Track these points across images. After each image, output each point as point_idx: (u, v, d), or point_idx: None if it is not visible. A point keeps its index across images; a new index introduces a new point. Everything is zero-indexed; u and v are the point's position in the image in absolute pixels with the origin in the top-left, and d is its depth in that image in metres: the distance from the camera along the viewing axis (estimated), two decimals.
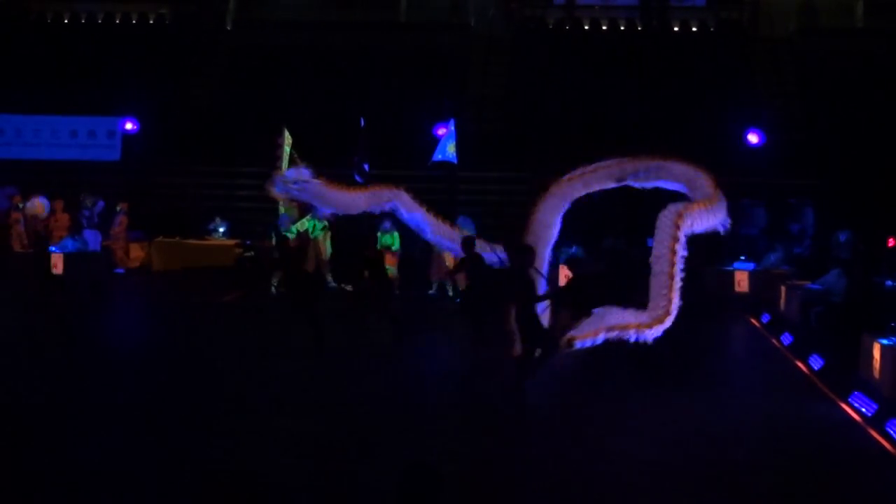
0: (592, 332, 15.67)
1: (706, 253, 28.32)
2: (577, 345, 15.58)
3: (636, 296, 16.49)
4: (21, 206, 30.57)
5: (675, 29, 41.76)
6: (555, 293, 18.07)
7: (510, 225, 31.41)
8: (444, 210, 26.63)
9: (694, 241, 28.63)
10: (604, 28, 42.40)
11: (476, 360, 16.36)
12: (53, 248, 29.10)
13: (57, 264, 28.82)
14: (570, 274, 25.17)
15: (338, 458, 11.86)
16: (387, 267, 26.48)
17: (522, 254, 15.30)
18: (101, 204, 30.76)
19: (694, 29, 42.12)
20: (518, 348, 15.10)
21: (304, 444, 12.42)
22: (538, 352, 14.91)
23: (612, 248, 28.38)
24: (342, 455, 11.99)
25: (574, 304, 17.99)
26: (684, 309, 16.02)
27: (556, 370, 15.87)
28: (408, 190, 18.57)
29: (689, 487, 11.32)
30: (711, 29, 42.07)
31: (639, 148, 33.22)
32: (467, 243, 18.21)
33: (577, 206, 22.55)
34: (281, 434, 12.82)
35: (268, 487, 10.74)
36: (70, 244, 29.10)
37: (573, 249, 27.36)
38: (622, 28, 42.24)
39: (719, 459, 12.41)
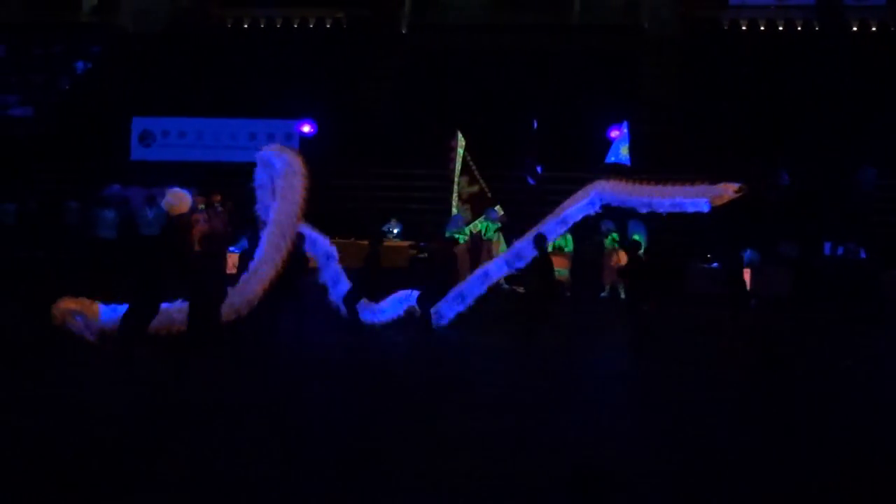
0: None
1: (888, 256, 27.74)
2: None
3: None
4: (202, 207, 31.24)
5: (854, 29, 40.89)
6: None
7: (683, 228, 31.28)
8: (617, 214, 26.73)
9: (873, 243, 28.16)
10: (780, 28, 41.78)
11: None
12: (233, 249, 29.72)
13: (237, 264, 29.44)
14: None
15: (508, 459, 11.90)
16: (558, 269, 26.55)
17: None
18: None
19: (873, 29, 41.22)
20: None
21: (475, 444, 12.47)
22: None
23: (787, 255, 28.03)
24: (512, 456, 12.02)
25: None
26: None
27: None
28: None
29: None
30: (892, 28, 41.10)
31: (814, 151, 33.02)
32: None
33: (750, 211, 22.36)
34: (451, 433, 12.90)
35: (440, 489, 10.83)
36: (246, 244, 29.67)
37: (747, 254, 27.04)
38: (799, 28, 41.55)
39: None
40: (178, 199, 17.56)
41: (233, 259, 29.51)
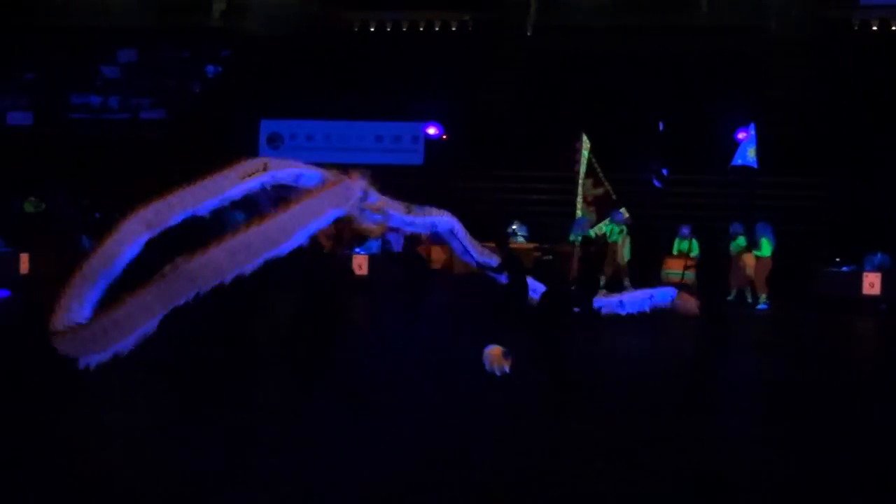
0: None
1: None
2: None
3: None
4: None
5: None
6: None
7: (812, 231, 30.96)
8: (744, 215, 26.53)
9: None
10: None
11: None
12: (358, 250, 30.01)
13: (362, 265, 29.75)
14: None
15: (625, 460, 11.89)
16: (683, 272, 26.41)
17: None
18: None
19: None
20: None
21: (590, 448, 12.49)
22: None
23: None
24: (629, 458, 12.01)
25: None
26: None
27: None
28: None
29: None
30: None
31: None
32: None
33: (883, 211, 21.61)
34: (566, 437, 12.90)
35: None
36: (374, 246, 29.98)
37: (878, 257, 26.66)
38: None
39: None
40: None
41: (358, 260, 29.88)
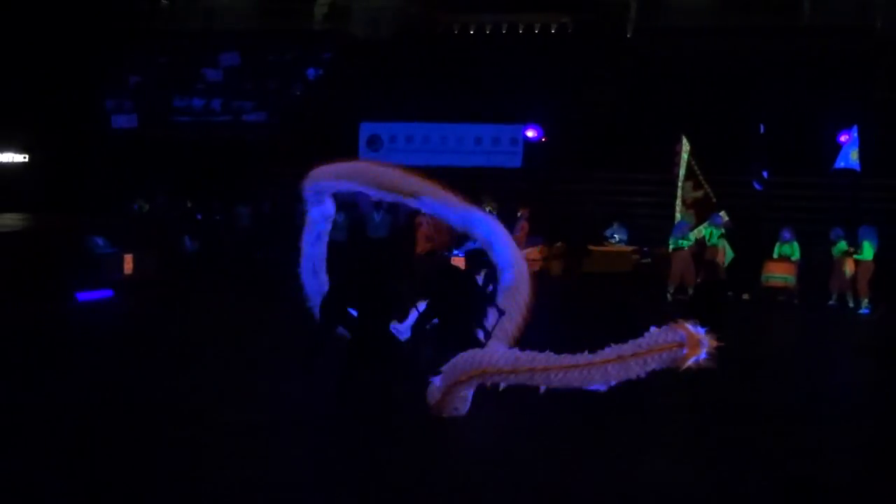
0: None
1: None
2: None
3: None
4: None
5: None
6: None
7: None
8: (846, 218, 26.21)
9: None
10: None
11: None
12: (457, 252, 30.07)
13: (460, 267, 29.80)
14: None
15: (722, 467, 11.82)
16: (785, 276, 26.15)
17: None
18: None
19: None
20: None
21: (695, 449, 12.44)
22: None
23: None
24: (728, 461, 11.93)
25: None
26: None
27: None
28: None
29: None
30: None
31: None
32: None
33: None
34: (669, 440, 12.87)
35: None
36: (472, 246, 30.00)
37: None
38: None
39: None
40: None
41: (456, 262, 29.93)
